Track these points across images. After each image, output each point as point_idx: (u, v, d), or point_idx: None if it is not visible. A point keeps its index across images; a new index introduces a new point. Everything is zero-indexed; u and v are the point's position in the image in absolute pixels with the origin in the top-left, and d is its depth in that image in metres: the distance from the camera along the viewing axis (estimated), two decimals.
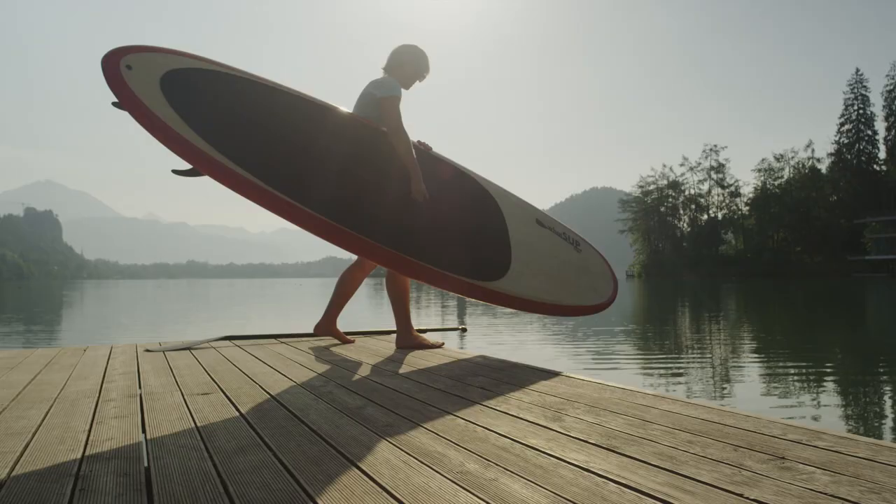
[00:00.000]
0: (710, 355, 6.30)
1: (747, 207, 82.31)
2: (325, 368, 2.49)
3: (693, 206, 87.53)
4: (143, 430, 1.55)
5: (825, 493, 1.01)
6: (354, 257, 3.04)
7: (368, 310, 14.07)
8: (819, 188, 76.04)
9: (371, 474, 1.16)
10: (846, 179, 74.67)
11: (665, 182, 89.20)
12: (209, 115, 2.24)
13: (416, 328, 3.16)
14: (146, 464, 1.27)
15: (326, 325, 3.25)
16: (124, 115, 2.14)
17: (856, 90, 78.54)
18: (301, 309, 16.80)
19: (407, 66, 3.03)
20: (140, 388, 2.16)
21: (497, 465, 1.20)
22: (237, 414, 1.71)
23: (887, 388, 4.56)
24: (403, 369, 2.44)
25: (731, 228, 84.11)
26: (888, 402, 4.08)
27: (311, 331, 3.36)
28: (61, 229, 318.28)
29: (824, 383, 4.72)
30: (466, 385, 2.07)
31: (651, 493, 1.03)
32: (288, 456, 1.29)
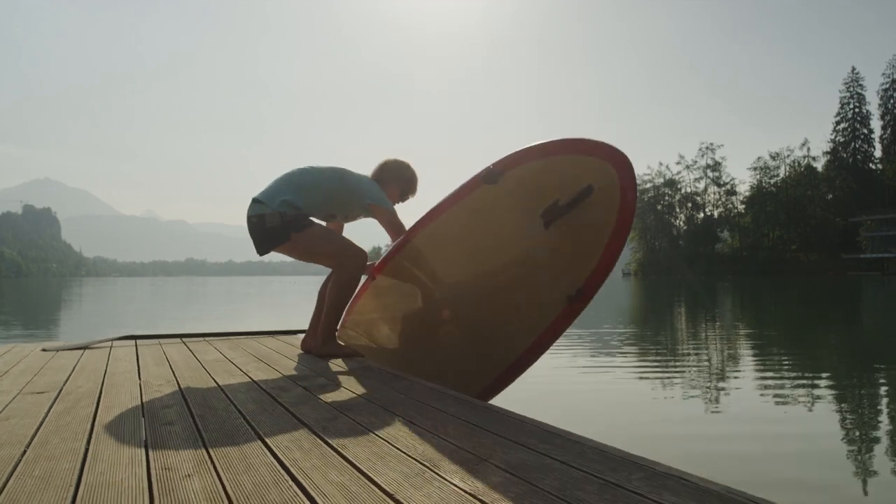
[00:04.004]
0: (705, 354, 6.31)
1: (743, 206, 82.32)
2: (189, 370, 2.53)
3: (689, 205, 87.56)
4: None
5: (465, 492, 1.06)
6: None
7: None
8: (815, 186, 76.08)
9: (84, 472, 1.21)
10: (842, 178, 74.69)
11: (661, 180, 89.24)
12: None
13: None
14: None
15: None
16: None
17: (852, 88, 78.54)
18: (282, 307, 16.85)
19: (395, 185, 3.03)
20: None
21: (215, 464, 1.24)
22: (44, 412, 1.75)
23: (882, 388, 4.56)
24: (262, 371, 2.48)
25: (728, 226, 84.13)
26: (883, 402, 4.08)
27: (224, 329, 3.37)
28: (60, 227, 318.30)
29: (817, 381, 4.74)
30: (301, 388, 2.11)
31: (310, 489, 1.07)
32: (31, 453, 1.33)
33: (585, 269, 2.17)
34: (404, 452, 1.30)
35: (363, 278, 2.98)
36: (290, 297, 24.18)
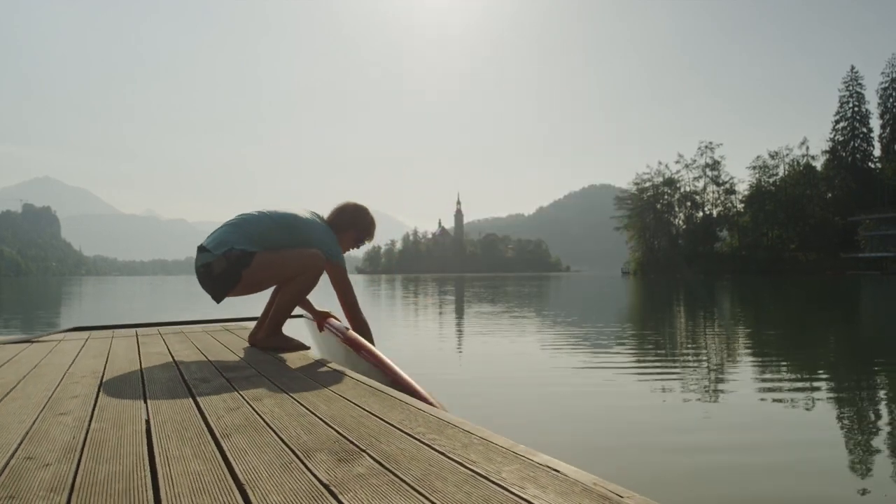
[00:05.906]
0: (703, 354, 6.21)
1: (742, 205, 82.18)
2: (124, 362, 2.48)
3: (688, 204, 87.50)
4: None
5: (321, 482, 1.01)
6: None
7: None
8: (814, 185, 75.98)
9: None
10: (841, 177, 74.59)
11: (661, 179, 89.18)
12: None
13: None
14: None
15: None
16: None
17: (851, 87, 78.45)
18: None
19: (352, 232, 2.98)
20: None
21: (83, 453, 1.20)
22: None
23: (882, 388, 4.47)
24: (196, 363, 2.44)
25: (727, 226, 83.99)
26: (883, 402, 3.99)
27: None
28: (59, 226, 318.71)
29: (816, 381, 4.65)
30: (224, 379, 2.07)
31: (161, 479, 1.03)
32: None
33: None
34: (285, 442, 1.26)
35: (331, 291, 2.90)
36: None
